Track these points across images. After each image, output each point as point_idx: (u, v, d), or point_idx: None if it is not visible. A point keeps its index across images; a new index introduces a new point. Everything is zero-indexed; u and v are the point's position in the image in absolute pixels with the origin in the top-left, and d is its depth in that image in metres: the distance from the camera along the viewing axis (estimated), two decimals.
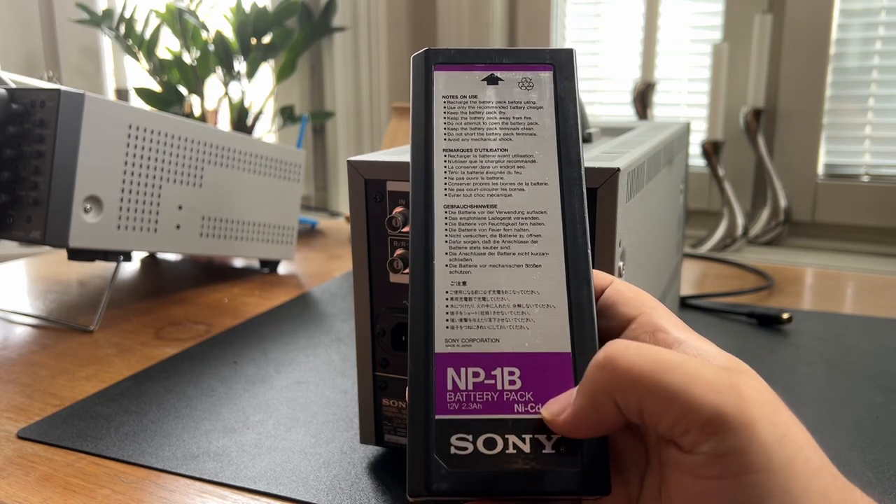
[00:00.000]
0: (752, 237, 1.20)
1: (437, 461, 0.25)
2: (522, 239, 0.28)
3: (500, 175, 0.29)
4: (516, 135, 0.29)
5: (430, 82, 0.30)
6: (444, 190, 0.28)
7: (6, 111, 0.58)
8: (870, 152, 1.16)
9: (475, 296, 0.27)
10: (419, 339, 0.26)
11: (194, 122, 0.68)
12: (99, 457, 0.43)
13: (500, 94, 0.30)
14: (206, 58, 1.05)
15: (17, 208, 0.59)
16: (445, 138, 0.29)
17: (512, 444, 0.25)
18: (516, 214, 0.28)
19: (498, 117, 0.29)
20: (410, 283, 0.27)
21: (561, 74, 0.30)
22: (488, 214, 0.28)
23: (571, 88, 0.30)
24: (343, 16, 1.39)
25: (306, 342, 0.61)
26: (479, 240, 0.28)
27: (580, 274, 0.27)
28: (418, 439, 0.25)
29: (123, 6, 1.08)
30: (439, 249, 0.27)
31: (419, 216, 0.28)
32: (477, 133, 0.29)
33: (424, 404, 0.25)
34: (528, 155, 0.29)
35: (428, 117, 0.29)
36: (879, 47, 1.12)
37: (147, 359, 0.58)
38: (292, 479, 0.40)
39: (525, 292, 0.27)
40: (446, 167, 0.29)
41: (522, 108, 0.30)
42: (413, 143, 0.29)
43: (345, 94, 1.46)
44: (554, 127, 0.29)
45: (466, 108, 0.30)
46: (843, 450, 0.43)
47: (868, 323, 0.65)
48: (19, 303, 0.73)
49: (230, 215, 0.73)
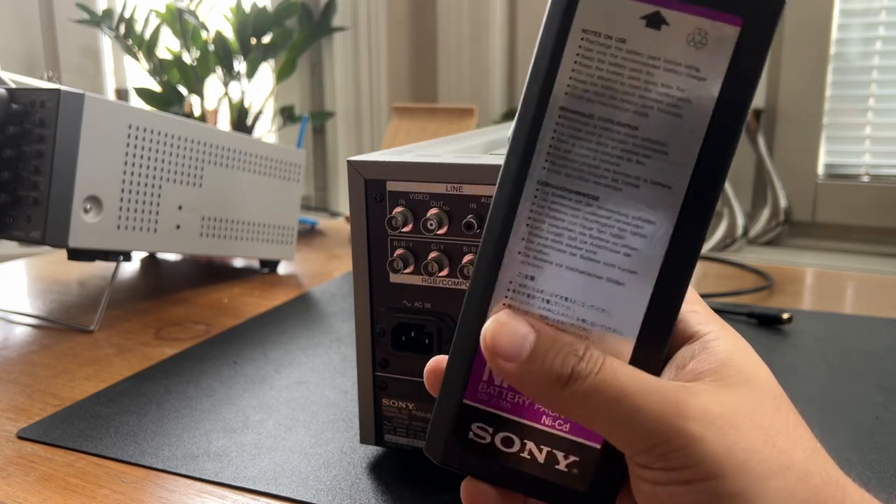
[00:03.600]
0: (753, 237, 1.20)
1: (453, 440, 0.25)
2: (615, 248, 0.23)
3: (618, 160, 0.22)
4: (656, 110, 0.22)
5: (574, 4, 0.22)
6: (545, 162, 0.23)
7: (6, 111, 0.58)
8: (870, 152, 1.16)
9: (539, 295, 0.24)
10: (471, 318, 0.24)
11: (194, 122, 0.68)
12: (99, 457, 0.43)
13: (657, 44, 0.22)
14: (206, 58, 1.05)
15: (16, 208, 0.58)
16: (568, 92, 0.22)
17: (528, 450, 0.24)
18: (618, 216, 0.23)
19: (643, 79, 0.22)
20: (478, 257, 0.24)
21: (751, 36, 0.21)
22: (585, 207, 0.23)
23: (757, 63, 0.22)
24: (343, 16, 1.39)
25: (306, 342, 0.61)
26: (564, 234, 0.23)
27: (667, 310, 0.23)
28: (444, 412, 0.25)
29: (123, 6, 1.08)
30: (517, 231, 0.23)
31: (507, 188, 0.23)
32: (608, 95, 0.22)
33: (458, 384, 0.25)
34: (661, 143, 0.22)
35: (555, 56, 0.22)
36: (879, 47, 1.12)
37: (147, 359, 0.58)
38: (292, 479, 0.40)
39: (594, 308, 0.23)
40: (556, 132, 0.23)
41: (680, 73, 0.22)
42: (526, 90, 0.23)
43: (345, 94, 1.46)
44: (710, 113, 0.22)
45: (608, 55, 0.22)
46: (843, 450, 0.43)
47: (868, 323, 0.65)
48: (19, 303, 0.73)
49: (230, 215, 0.73)
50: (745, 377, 0.23)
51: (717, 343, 0.24)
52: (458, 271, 0.36)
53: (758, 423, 0.22)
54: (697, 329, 0.25)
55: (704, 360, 0.24)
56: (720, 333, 0.25)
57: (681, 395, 0.22)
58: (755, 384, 0.23)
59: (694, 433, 0.21)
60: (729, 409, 0.22)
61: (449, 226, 0.36)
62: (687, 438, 0.21)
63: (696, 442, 0.21)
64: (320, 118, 1.38)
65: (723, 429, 0.21)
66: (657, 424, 0.22)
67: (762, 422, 0.22)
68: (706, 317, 0.26)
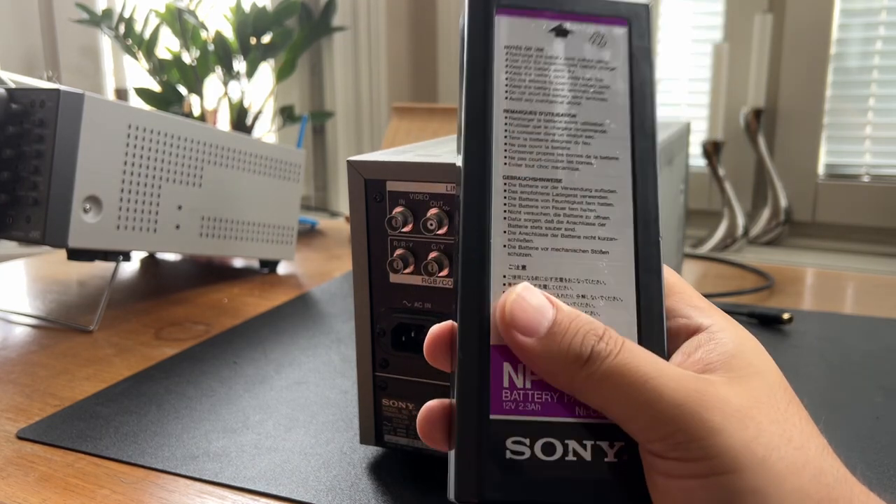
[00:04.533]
0: (753, 237, 1.20)
1: (491, 466, 0.22)
2: (589, 221, 0.25)
3: (567, 145, 0.25)
4: (586, 99, 0.26)
5: (491, 28, 0.25)
6: (504, 158, 0.25)
7: (6, 111, 0.58)
8: (870, 152, 1.16)
9: (535, 282, 0.24)
10: (473, 328, 0.23)
11: (194, 122, 0.68)
12: (98, 457, 0.43)
13: (569, 48, 0.26)
14: (206, 57, 1.05)
15: (16, 208, 0.58)
16: (507, 97, 0.25)
17: (572, 450, 0.23)
18: (583, 192, 0.25)
19: (566, 76, 0.26)
20: (461, 266, 0.24)
21: (636, 31, 0.26)
22: (552, 190, 0.25)
23: (647, 49, 0.26)
24: (343, 16, 1.39)
25: (306, 342, 0.61)
26: (541, 218, 0.24)
27: (650, 265, 0.25)
28: (470, 440, 0.22)
29: (123, 6, 1.08)
30: (497, 227, 0.24)
31: (475, 187, 0.24)
32: (542, 93, 0.25)
33: (478, 401, 0.23)
34: (598, 123, 0.25)
35: (486, 70, 0.25)
36: (880, 47, 1.12)
37: (147, 359, 0.58)
38: (292, 480, 0.40)
39: (590, 282, 0.24)
40: (507, 131, 0.25)
41: (594, 67, 0.26)
42: (467, 101, 0.25)
43: (345, 94, 1.46)
44: (627, 92, 0.26)
45: (531, 62, 0.26)
46: (843, 450, 0.43)
47: (868, 323, 0.65)
48: (19, 303, 0.73)
49: (230, 215, 0.73)
50: (755, 369, 0.23)
51: (722, 334, 0.24)
52: (453, 267, 0.36)
53: (774, 417, 0.22)
54: (700, 321, 0.25)
55: (713, 350, 0.24)
56: (724, 324, 0.25)
57: (701, 385, 0.22)
58: (766, 376, 0.23)
59: (714, 424, 0.21)
60: (747, 403, 0.22)
61: (449, 226, 0.36)
62: (707, 430, 0.21)
63: (717, 434, 0.21)
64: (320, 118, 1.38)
65: (743, 421, 0.21)
66: (678, 412, 0.21)
67: (777, 416, 0.22)
68: (707, 310, 0.26)
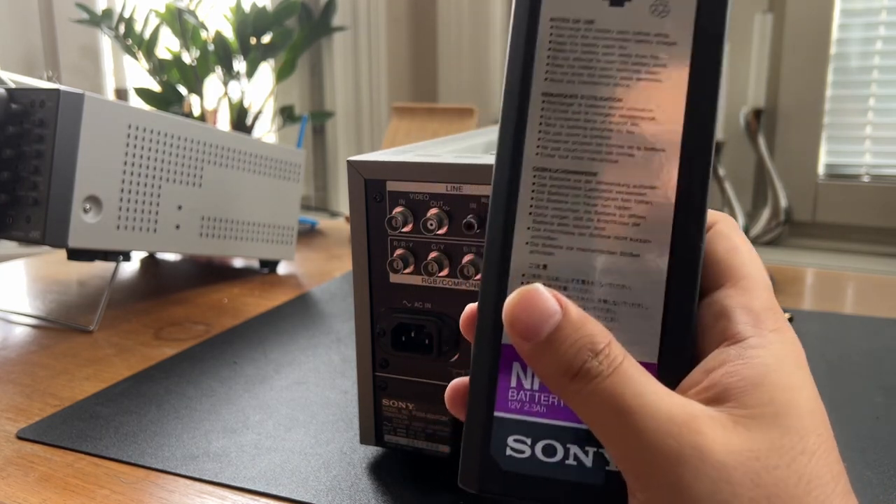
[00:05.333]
0: (753, 237, 1.20)
1: (492, 459, 0.23)
2: (622, 219, 0.23)
3: (608, 134, 0.23)
4: (636, 80, 0.23)
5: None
6: (537, 147, 0.23)
7: (6, 111, 0.58)
8: (870, 152, 1.16)
9: (555, 283, 0.23)
10: (487, 324, 0.23)
11: (194, 122, 0.68)
12: (98, 457, 0.43)
13: (624, 20, 0.23)
14: (206, 57, 1.05)
15: (16, 208, 0.58)
16: (547, 78, 0.23)
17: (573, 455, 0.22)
18: (619, 187, 0.23)
19: (617, 54, 0.23)
20: (484, 259, 0.23)
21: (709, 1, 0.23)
22: (585, 185, 0.23)
23: (720, 22, 0.22)
24: (343, 15, 1.39)
25: (306, 342, 0.61)
26: (569, 215, 0.23)
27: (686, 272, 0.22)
28: (475, 433, 0.23)
29: (123, 6, 1.08)
30: (521, 222, 0.23)
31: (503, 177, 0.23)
32: (587, 74, 0.23)
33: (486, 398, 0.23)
34: (647, 109, 0.23)
35: (529, 47, 0.23)
36: (880, 47, 1.12)
37: (147, 359, 0.58)
38: (292, 480, 0.40)
39: (614, 286, 0.23)
40: (543, 117, 0.23)
41: (651, 42, 0.23)
42: (507, 81, 0.23)
43: (345, 94, 1.46)
44: (686, 73, 0.22)
45: (578, 37, 0.23)
46: (843, 450, 0.43)
47: (869, 323, 0.65)
48: (19, 303, 0.73)
49: (230, 215, 0.73)
50: (775, 408, 0.21)
51: (755, 352, 0.21)
52: (458, 271, 0.36)
53: (762, 479, 0.19)
54: (740, 329, 0.22)
55: (736, 373, 0.21)
56: (764, 340, 0.22)
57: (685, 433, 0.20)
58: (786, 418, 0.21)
59: (682, 481, 0.19)
60: (732, 461, 0.20)
61: (449, 226, 0.36)
62: (674, 484, 0.19)
63: (683, 491, 0.19)
64: (320, 118, 1.38)
65: (716, 484, 0.19)
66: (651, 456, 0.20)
67: (767, 478, 0.20)
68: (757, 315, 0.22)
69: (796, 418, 0.21)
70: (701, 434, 0.20)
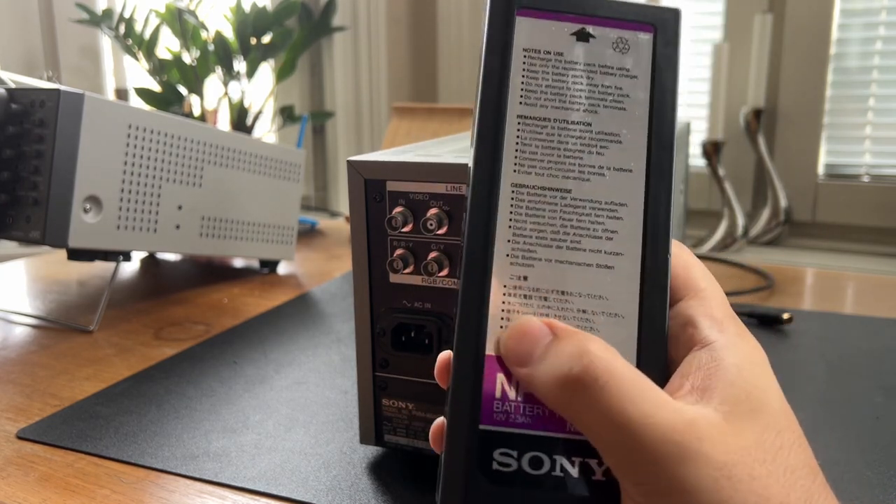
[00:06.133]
0: (753, 237, 1.20)
1: (477, 475, 0.23)
2: (596, 234, 0.24)
3: (580, 154, 0.25)
4: (603, 107, 0.25)
5: (511, 29, 0.25)
6: (514, 165, 0.24)
7: (6, 111, 0.58)
8: (870, 152, 1.16)
9: (536, 294, 0.24)
10: (469, 335, 0.23)
11: (194, 122, 0.68)
12: (98, 457, 0.43)
13: (590, 54, 0.25)
14: (206, 58, 1.05)
15: (16, 208, 0.58)
16: (522, 102, 0.25)
17: (560, 466, 0.23)
18: (592, 204, 0.24)
19: (585, 83, 0.25)
20: (463, 270, 0.24)
21: (663, 38, 0.26)
22: (560, 200, 0.24)
23: (673, 58, 0.25)
24: (343, 15, 1.39)
25: (306, 342, 0.61)
26: (546, 229, 0.24)
27: (657, 282, 0.24)
28: (458, 448, 0.23)
29: (123, 6, 1.08)
30: (501, 235, 0.24)
31: (482, 193, 0.24)
32: (559, 100, 0.25)
33: (469, 411, 0.23)
34: (614, 133, 0.25)
35: (503, 73, 0.25)
36: (880, 47, 1.12)
37: (147, 359, 0.58)
38: (292, 480, 0.40)
39: (592, 297, 0.24)
40: (519, 138, 0.24)
41: (614, 74, 0.25)
42: (482, 104, 0.25)
43: (345, 94, 1.46)
44: (647, 102, 0.25)
45: (550, 67, 0.25)
46: (843, 450, 0.43)
47: (868, 323, 0.65)
48: (19, 303, 0.73)
49: (230, 215, 0.73)
50: (752, 404, 0.22)
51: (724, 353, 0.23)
52: (458, 271, 0.36)
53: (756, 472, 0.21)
54: (706, 335, 0.24)
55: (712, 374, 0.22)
56: (730, 341, 0.23)
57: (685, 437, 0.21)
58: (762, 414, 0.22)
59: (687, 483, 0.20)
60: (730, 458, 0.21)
61: (449, 226, 0.36)
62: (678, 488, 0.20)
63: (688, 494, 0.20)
64: (320, 118, 1.38)
65: (718, 482, 0.20)
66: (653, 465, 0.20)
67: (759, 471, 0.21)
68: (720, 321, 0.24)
69: (771, 415, 0.22)
70: (701, 440, 0.21)
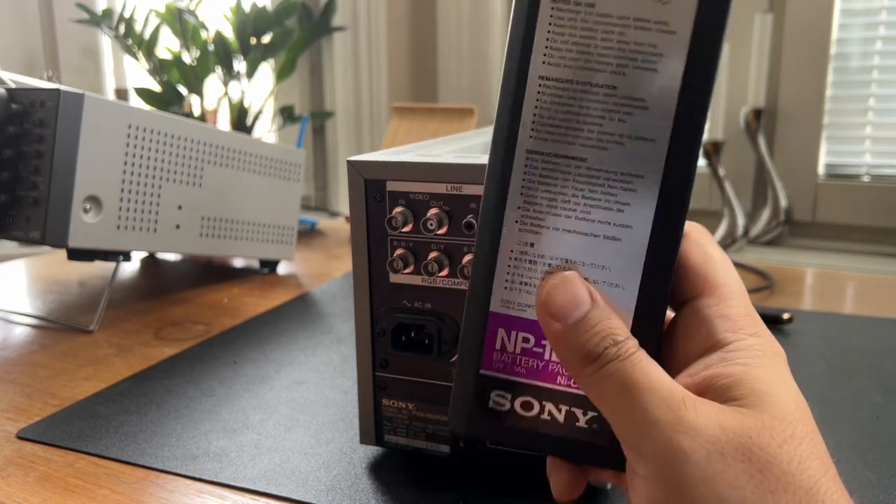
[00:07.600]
0: (753, 237, 1.20)
1: (475, 410, 0.26)
2: (608, 205, 0.24)
3: (600, 121, 0.23)
4: (633, 68, 0.23)
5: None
6: (531, 131, 0.24)
7: (6, 111, 0.58)
8: (870, 152, 1.16)
9: (541, 260, 0.24)
10: (478, 292, 0.25)
11: (194, 122, 0.68)
12: (99, 457, 0.43)
13: (625, 4, 0.22)
14: (206, 57, 1.05)
15: (16, 208, 0.58)
16: (545, 61, 0.23)
17: (548, 410, 0.25)
18: (607, 174, 0.23)
19: (615, 39, 0.23)
20: (478, 233, 0.25)
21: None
22: (575, 169, 0.24)
23: (721, 14, 0.22)
24: (343, 16, 1.39)
25: (306, 342, 0.61)
26: (557, 198, 0.24)
27: (663, 258, 0.24)
28: (463, 387, 0.26)
29: (123, 6, 1.08)
30: (512, 202, 0.24)
31: (498, 159, 0.24)
32: (584, 59, 0.23)
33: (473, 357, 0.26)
34: (641, 99, 0.23)
35: (529, 29, 0.23)
36: (880, 47, 1.12)
37: (147, 359, 0.58)
38: (292, 480, 0.40)
39: (595, 266, 0.24)
40: (538, 102, 0.24)
41: (650, 29, 0.22)
42: (506, 65, 0.24)
43: (345, 94, 1.46)
44: (682, 66, 0.22)
45: (578, 20, 0.23)
46: (843, 450, 0.43)
47: (869, 323, 0.65)
48: (19, 303, 0.73)
49: (230, 215, 0.73)
50: (758, 397, 0.22)
51: (736, 355, 0.23)
52: (458, 271, 0.36)
53: (754, 454, 0.20)
54: (722, 337, 0.24)
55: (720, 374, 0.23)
56: (744, 344, 0.23)
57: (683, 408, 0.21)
58: (768, 407, 0.22)
59: (680, 450, 0.21)
60: (725, 436, 0.21)
61: (449, 226, 0.36)
62: (672, 454, 0.21)
63: (679, 460, 0.21)
64: (320, 118, 1.38)
65: (710, 454, 0.20)
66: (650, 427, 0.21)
67: (759, 454, 0.20)
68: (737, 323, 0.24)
69: (781, 407, 0.22)
70: (696, 411, 0.21)
